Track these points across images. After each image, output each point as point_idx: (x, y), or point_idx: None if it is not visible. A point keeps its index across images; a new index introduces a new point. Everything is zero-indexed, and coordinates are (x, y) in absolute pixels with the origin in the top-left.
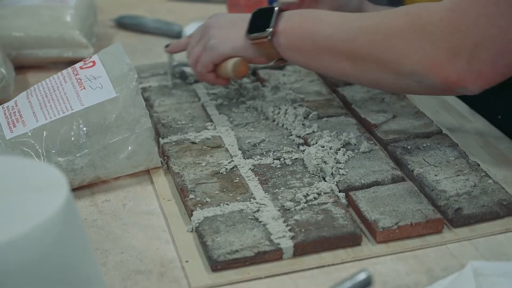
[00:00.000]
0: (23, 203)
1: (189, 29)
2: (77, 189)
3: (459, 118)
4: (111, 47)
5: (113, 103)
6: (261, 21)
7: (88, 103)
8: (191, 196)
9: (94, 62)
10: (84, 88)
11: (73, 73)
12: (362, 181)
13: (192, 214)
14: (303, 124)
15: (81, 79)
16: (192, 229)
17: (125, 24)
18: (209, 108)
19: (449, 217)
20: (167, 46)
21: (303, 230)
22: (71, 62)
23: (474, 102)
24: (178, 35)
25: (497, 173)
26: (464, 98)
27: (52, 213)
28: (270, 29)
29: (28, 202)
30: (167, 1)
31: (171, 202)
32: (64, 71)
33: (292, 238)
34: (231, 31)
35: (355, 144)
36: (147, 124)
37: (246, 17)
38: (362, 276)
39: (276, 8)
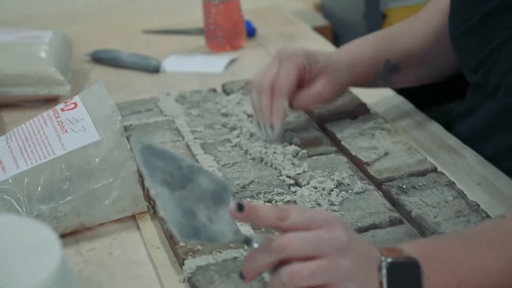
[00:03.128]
0: (16, 266)
1: (167, 63)
2: (61, 237)
3: (453, 154)
4: (93, 88)
5: (96, 147)
6: (404, 284)
7: (71, 147)
8: (182, 243)
9: (75, 104)
10: (66, 131)
11: (54, 115)
12: (359, 224)
13: (183, 263)
14: (292, 164)
15: (62, 122)
16: (184, 279)
17: (101, 59)
18: (193, 148)
19: None
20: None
21: None
22: (47, 100)
23: (466, 138)
24: (155, 69)
25: (498, 212)
26: (457, 133)
27: (47, 277)
28: None
29: (21, 265)
30: (143, 33)
31: (160, 250)
32: (45, 114)
33: None
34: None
35: (348, 184)
36: (132, 167)
37: (374, 262)
38: None
39: (417, 265)
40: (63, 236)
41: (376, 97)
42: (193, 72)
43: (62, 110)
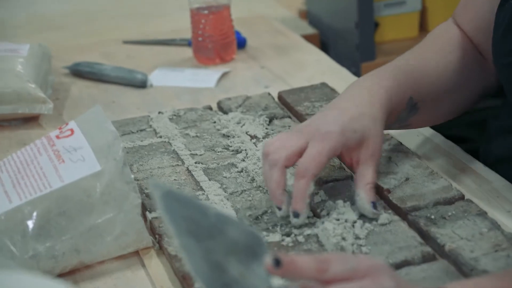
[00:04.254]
0: None
1: (154, 77)
2: (58, 277)
3: (476, 178)
4: (90, 112)
5: (97, 178)
6: None
7: (69, 179)
8: (197, 285)
9: (72, 131)
10: (63, 161)
11: (49, 143)
12: (390, 261)
13: None
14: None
15: (59, 151)
16: None
17: (81, 72)
18: (196, 173)
19: None
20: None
21: None
22: (27, 119)
23: (499, 158)
24: (142, 84)
25: None
26: (477, 155)
27: None
28: None
29: None
30: (123, 44)
31: None
32: (38, 142)
33: None
34: None
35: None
36: (136, 200)
37: None
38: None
39: None
40: (60, 276)
41: None
42: (183, 87)
43: (57, 137)
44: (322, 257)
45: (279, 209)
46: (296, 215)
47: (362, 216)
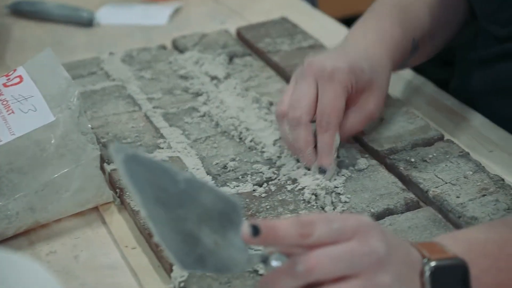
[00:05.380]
0: None
1: (101, 15)
2: (10, 239)
3: (453, 116)
4: (40, 56)
5: (51, 129)
6: None
7: (20, 132)
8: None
9: (21, 77)
10: (13, 112)
11: None
12: (372, 210)
13: (171, 269)
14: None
15: (7, 101)
16: None
17: (23, 12)
18: (155, 119)
19: None
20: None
21: None
22: None
23: (476, 92)
24: (89, 23)
25: None
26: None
27: None
28: None
29: None
30: None
31: (137, 252)
32: None
33: None
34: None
35: (347, 160)
36: (94, 152)
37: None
38: None
39: (465, 267)
40: (13, 237)
41: None
42: (132, 24)
43: (4, 85)
44: (304, 220)
45: (308, 169)
46: (323, 171)
47: (338, 162)
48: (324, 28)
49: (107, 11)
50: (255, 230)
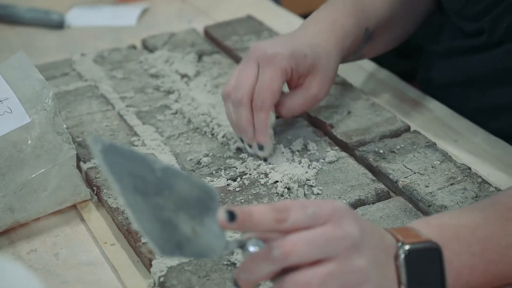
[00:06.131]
0: None
1: (71, 17)
2: None
3: (418, 108)
4: (12, 59)
5: (27, 131)
6: (425, 273)
7: None
8: (144, 240)
9: None
10: None
11: None
12: (344, 201)
13: (151, 265)
14: None
15: None
16: (155, 284)
17: None
18: (128, 118)
19: None
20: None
21: None
22: None
23: (440, 84)
24: (59, 25)
25: (490, 174)
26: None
27: None
28: None
29: None
30: None
31: (116, 248)
32: None
33: None
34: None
35: (318, 153)
36: (70, 151)
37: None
38: None
39: (438, 250)
40: None
41: None
42: (102, 26)
43: None
44: (279, 206)
45: (250, 146)
46: (261, 147)
47: (308, 155)
48: (289, 24)
49: (77, 13)
50: (231, 216)
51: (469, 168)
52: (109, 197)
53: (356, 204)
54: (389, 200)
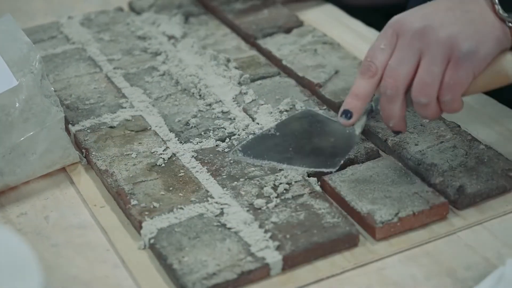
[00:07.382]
0: None
1: None
2: None
3: None
4: (0, 22)
5: (15, 94)
6: None
7: None
8: (133, 201)
9: None
10: None
11: None
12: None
13: (141, 227)
14: (240, 92)
15: None
16: (145, 246)
17: None
18: (116, 80)
19: (451, 198)
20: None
21: (288, 236)
22: None
23: None
24: None
25: (479, 132)
26: None
27: None
28: None
29: None
30: None
31: (105, 210)
32: None
33: (278, 248)
34: (470, 21)
35: None
36: (59, 114)
37: None
38: None
39: None
40: None
41: (304, 7)
42: None
43: None
44: (363, 68)
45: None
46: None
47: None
48: None
49: None
50: (347, 114)
51: (459, 126)
52: (98, 160)
53: (346, 164)
54: (379, 159)
